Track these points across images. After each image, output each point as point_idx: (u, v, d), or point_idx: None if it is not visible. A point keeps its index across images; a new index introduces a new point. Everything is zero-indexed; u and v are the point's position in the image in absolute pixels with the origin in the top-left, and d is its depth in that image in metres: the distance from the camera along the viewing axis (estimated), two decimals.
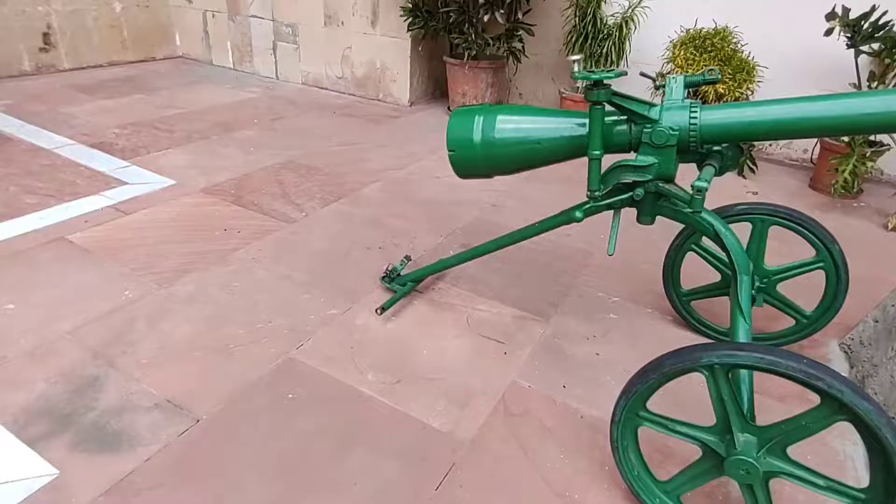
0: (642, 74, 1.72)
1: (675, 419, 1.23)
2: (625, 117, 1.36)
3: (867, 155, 2.98)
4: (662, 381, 1.16)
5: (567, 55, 4.10)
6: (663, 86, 1.36)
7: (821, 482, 1.11)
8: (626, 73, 1.31)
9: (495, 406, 1.62)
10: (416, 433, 1.51)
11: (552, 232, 2.57)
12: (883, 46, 3.00)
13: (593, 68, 3.89)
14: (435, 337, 1.90)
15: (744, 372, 1.20)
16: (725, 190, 3.43)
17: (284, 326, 1.89)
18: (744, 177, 3.61)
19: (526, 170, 1.56)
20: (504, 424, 1.56)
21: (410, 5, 3.99)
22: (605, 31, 3.79)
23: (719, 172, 1.45)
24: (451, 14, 3.79)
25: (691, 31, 3.59)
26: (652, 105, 1.32)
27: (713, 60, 3.42)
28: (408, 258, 2.13)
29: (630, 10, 3.74)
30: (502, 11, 3.67)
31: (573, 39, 3.92)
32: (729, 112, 1.26)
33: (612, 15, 3.84)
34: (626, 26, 3.77)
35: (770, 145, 4.03)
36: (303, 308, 2.00)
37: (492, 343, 1.88)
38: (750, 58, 3.50)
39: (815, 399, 1.05)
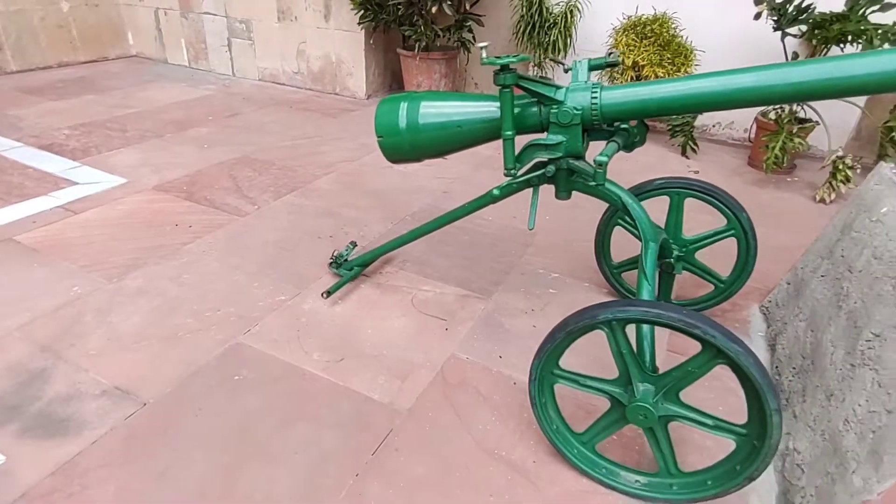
0: (552, 60, 1.82)
1: (585, 375, 1.35)
2: (535, 99, 1.46)
3: (794, 132, 3.15)
4: (568, 339, 1.27)
5: (518, 45, 4.20)
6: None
7: (709, 422, 1.24)
8: (529, 59, 1.41)
9: (434, 378, 1.71)
10: (356, 405, 1.59)
11: (498, 215, 2.69)
12: (806, 28, 3.17)
13: (546, 55, 4.02)
14: (380, 317, 1.98)
15: (645, 328, 1.32)
16: (670, 169, 3.60)
17: (233, 314, 1.95)
18: (687, 157, 3.77)
19: (451, 152, 1.65)
20: (441, 394, 1.66)
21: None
22: (552, 20, 3.90)
23: (628, 148, 1.56)
24: (400, 6, 3.85)
25: (632, 18, 3.73)
26: (558, 87, 1.42)
27: (653, 46, 3.56)
28: (353, 244, 2.21)
29: (573, 0, 3.86)
30: (450, 2, 3.75)
31: (522, 29, 4.03)
32: (625, 91, 1.37)
33: (556, 4, 3.95)
34: (571, 15, 3.88)
35: (713, 126, 4.21)
36: (252, 296, 2.06)
37: (434, 321, 1.98)
38: (688, 42, 3.66)
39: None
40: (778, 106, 3.34)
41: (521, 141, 1.49)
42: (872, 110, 3.65)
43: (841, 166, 3.11)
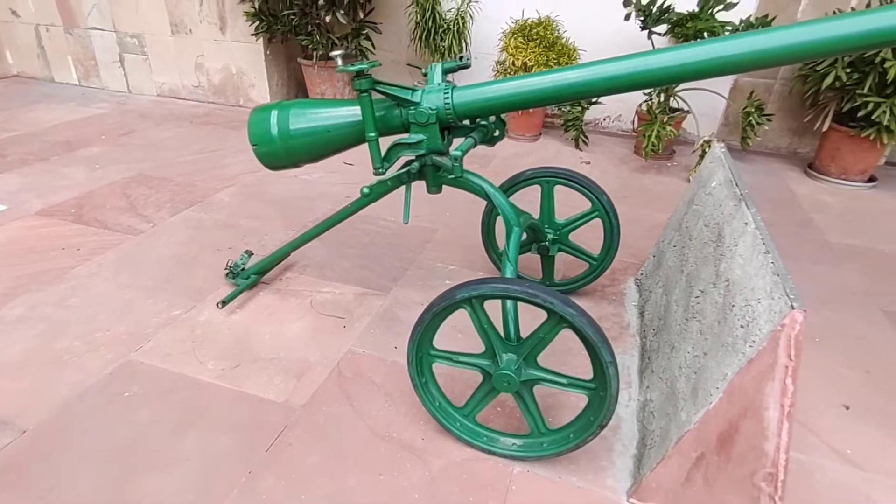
0: (409, 65, 1.95)
1: (457, 352, 1.47)
2: (396, 102, 1.56)
3: (665, 121, 3.48)
4: (435, 320, 1.38)
5: (416, 50, 4.34)
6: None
7: (564, 381, 1.39)
8: (379, 64, 1.51)
9: (330, 373, 1.78)
10: (251, 408, 1.63)
11: (399, 215, 2.77)
12: (669, 27, 3.51)
13: (444, 59, 4.17)
14: (277, 322, 2.02)
15: (508, 303, 1.45)
16: (564, 161, 3.85)
17: (124, 332, 1.92)
18: (580, 149, 4.05)
19: (328, 156, 1.73)
20: (337, 387, 1.73)
21: (254, 10, 4.01)
22: (446, 26, 4.06)
23: (490, 143, 1.71)
24: (294, 17, 3.87)
25: (519, 21, 3.96)
26: (414, 90, 1.53)
27: (539, 47, 3.80)
28: (249, 253, 2.23)
29: (464, 5, 4.04)
30: (343, 12, 3.82)
31: (418, 34, 4.16)
32: (474, 91, 1.51)
33: (449, 10, 4.12)
34: (464, 21, 4.06)
35: (604, 119, 4.54)
36: (145, 313, 2.03)
37: (332, 320, 2.04)
38: (570, 43, 3.93)
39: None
40: (649, 97, 3.67)
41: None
42: (735, 99, 4.09)
43: (708, 149, 3.46)
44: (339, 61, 1.43)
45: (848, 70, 3.24)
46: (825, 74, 3.32)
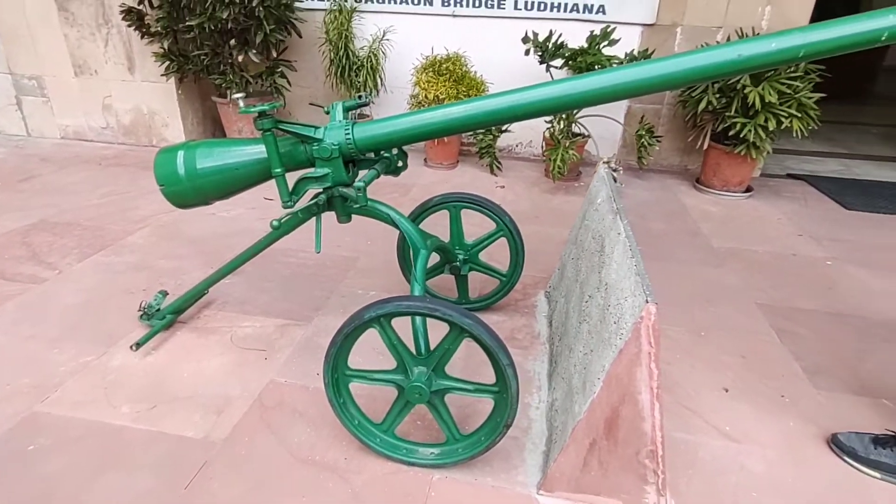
0: (311, 104, 2.07)
1: (372, 370, 1.55)
2: (300, 139, 1.66)
3: (568, 146, 3.78)
4: (347, 341, 1.46)
5: (332, 86, 4.46)
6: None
7: (470, 387, 1.50)
8: (282, 105, 1.61)
9: (251, 405, 1.80)
10: (169, 447, 1.62)
11: (323, 243, 2.82)
12: (564, 61, 3.85)
13: (360, 94, 4.31)
14: (196, 360, 2.01)
15: (417, 320, 1.55)
16: (480, 185, 4.06)
17: (27, 385, 1.84)
18: (494, 174, 4.29)
19: (237, 192, 1.78)
20: (258, 419, 1.75)
21: (163, 51, 3.99)
22: (360, 63, 4.22)
23: (394, 173, 1.84)
24: (205, 56, 3.89)
25: (429, 57, 4.19)
26: (317, 128, 1.64)
27: (449, 81, 4.03)
28: (164, 293, 2.21)
29: (375, 44, 4.23)
30: (256, 51, 3.88)
31: (333, 71, 4.29)
32: (373, 126, 1.64)
33: (362, 48, 4.29)
34: (376, 57, 4.24)
35: (517, 146, 4.83)
36: (50, 363, 1.96)
37: (253, 353, 2.06)
38: (478, 76, 4.20)
39: None
40: (551, 124, 3.98)
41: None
42: (629, 123, 4.50)
43: (608, 170, 3.78)
44: (241, 103, 1.52)
45: (717, 95, 3.69)
46: (700, 100, 3.77)
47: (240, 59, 3.87)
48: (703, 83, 3.23)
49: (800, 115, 3.53)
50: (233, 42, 3.82)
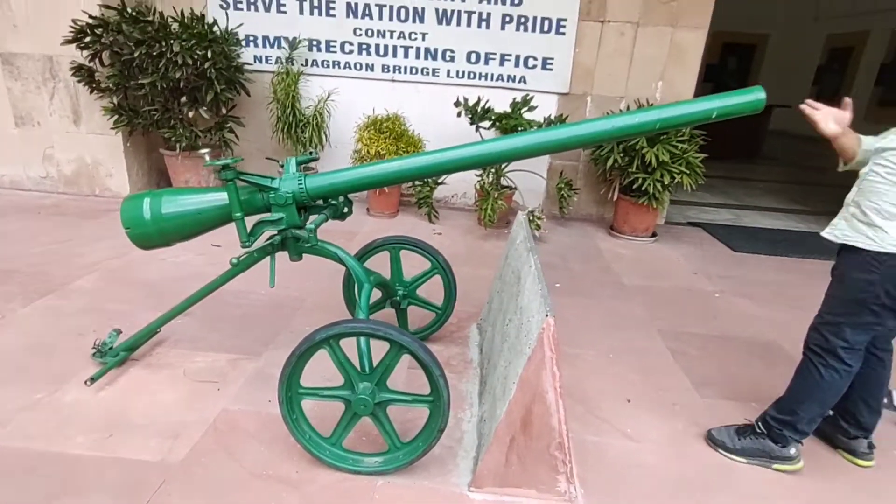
0: (268, 158, 2.34)
1: (321, 388, 1.76)
2: (258, 188, 1.92)
3: (496, 196, 4.21)
4: (300, 362, 1.69)
5: (279, 141, 4.73)
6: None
7: (409, 398, 1.75)
8: (241, 159, 1.88)
9: (206, 430, 1.94)
10: (126, 470, 1.73)
11: (267, 283, 2.98)
12: (491, 122, 4.34)
13: (305, 149, 4.59)
14: (150, 393, 2.13)
15: (361, 341, 1.79)
16: (419, 232, 4.39)
17: None
18: (432, 222, 4.64)
19: (198, 234, 1.99)
20: (213, 441, 1.89)
21: (113, 105, 4.14)
22: (305, 120, 4.54)
23: (340, 218, 2.11)
24: (155, 112, 4.08)
25: (371, 117, 4.57)
26: (273, 179, 1.91)
27: (389, 139, 4.41)
28: (118, 331, 2.32)
29: (321, 104, 4.58)
30: (206, 108, 4.12)
31: (280, 127, 4.58)
32: (322, 178, 1.92)
33: (307, 107, 4.62)
34: (321, 116, 4.58)
35: (452, 197, 5.24)
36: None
37: (206, 385, 2.20)
38: (415, 134, 4.61)
39: None
40: (480, 177, 4.41)
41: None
42: (551, 177, 5.03)
43: (533, 218, 4.23)
44: (207, 157, 1.77)
45: (622, 155, 4.28)
46: (608, 158, 4.34)
47: (190, 115, 4.09)
48: (591, 145, 3.75)
49: (688, 171, 4.16)
50: (184, 99, 4.05)
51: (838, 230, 1.86)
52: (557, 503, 1.72)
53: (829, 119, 1.78)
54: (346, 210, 2.10)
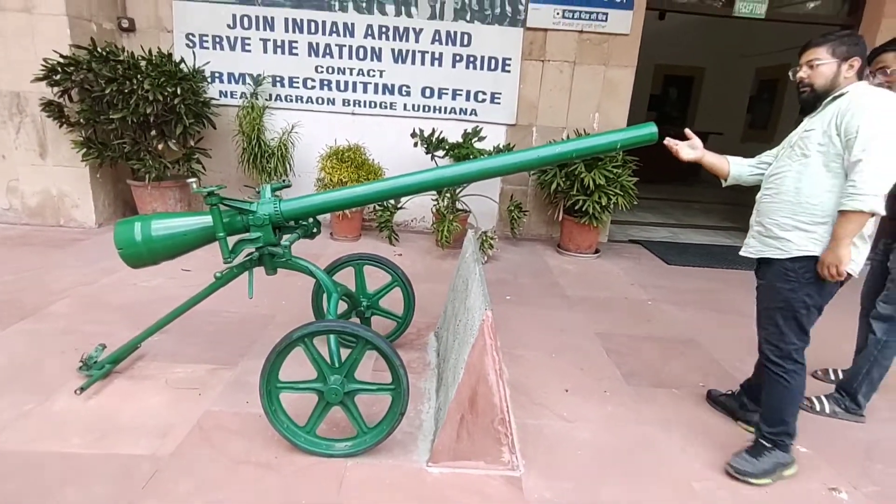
0: (245, 186, 2.64)
1: (297, 381, 2.03)
2: (238, 211, 2.20)
3: (452, 219, 4.58)
4: (278, 358, 1.95)
5: (245, 171, 4.98)
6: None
7: (374, 387, 2.04)
8: (224, 187, 2.17)
9: (191, 429, 2.16)
10: (122, 462, 1.94)
11: (243, 303, 3.21)
12: (445, 151, 4.74)
13: (270, 179, 4.86)
14: (137, 400, 2.33)
15: (331, 340, 2.06)
16: (381, 254, 4.68)
17: None
18: (393, 245, 4.95)
19: (184, 253, 2.24)
20: (199, 437, 2.11)
21: (82, 139, 4.32)
22: (270, 151, 4.82)
23: (310, 237, 2.41)
24: (125, 145, 4.28)
25: (332, 147, 4.90)
26: (252, 202, 2.19)
27: (350, 167, 4.74)
28: (102, 346, 2.51)
29: (285, 136, 4.88)
30: (175, 140, 4.35)
31: (246, 158, 4.84)
32: (295, 202, 2.22)
33: (272, 139, 4.91)
34: (286, 147, 4.87)
35: (412, 221, 5.58)
36: None
37: (188, 391, 2.42)
38: (375, 163, 4.96)
39: None
40: (436, 201, 4.78)
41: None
42: (503, 201, 5.45)
43: (485, 238, 4.61)
44: (194, 185, 2.05)
45: (563, 179, 4.74)
46: (551, 182, 4.79)
47: (159, 147, 4.31)
48: (523, 170, 4.18)
49: (623, 193, 4.65)
50: (153, 133, 4.27)
51: (752, 248, 2.15)
52: (503, 471, 2.02)
53: (685, 148, 2.21)
54: (315, 230, 2.40)
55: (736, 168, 2.25)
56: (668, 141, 2.24)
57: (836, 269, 1.91)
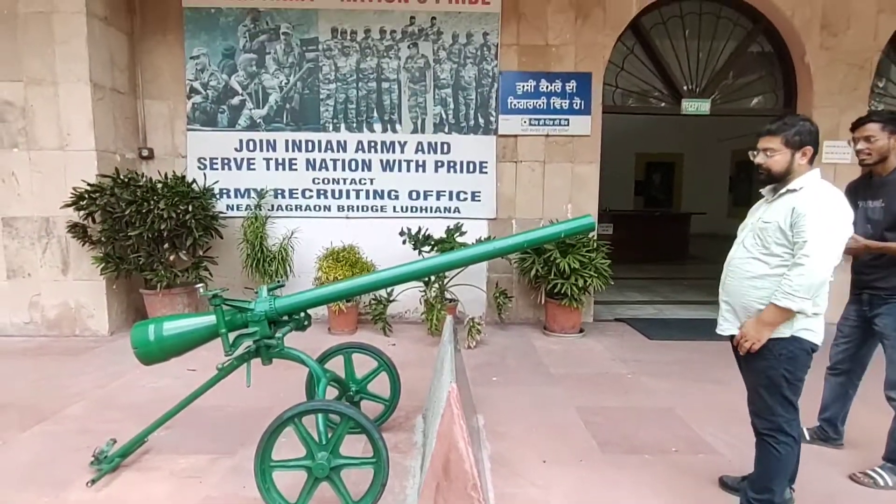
0: (246, 288, 3.01)
1: (288, 459, 2.26)
2: (238, 310, 2.54)
3: (439, 308, 4.91)
4: (271, 438, 2.20)
5: (248, 275, 5.39)
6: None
7: (357, 461, 2.26)
8: (227, 290, 2.53)
9: None
10: None
11: (241, 397, 3.45)
12: (431, 246, 5.18)
13: (271, 280, 5.26)
14: (144, 490, 2.53)
15: (319, 419, 2.31)
16: (376, 345, 4.94)
17: None
18: (387, 335, 5.24)
19: (191, 349, 2.56)
20: None
21: (102, 254, 4.79)
22: (272, 255, 5.27)
23: (301, 329, 2.73)
24: (140, 258, 4.74)
25: (329, 248, 5.35)
26: (250, 302, 2.55)
27: (345, 266, 5.16)
28: (113, 440, 2.74)
29: (285, 241, 5.36)
30: (184, 252, 4.81)
31: (250, 263, 5.28)
32: (288, 299, 2.58)
33: (273, 245, 5.39)
34: (286, 251, 5.33)
35: (406, 312, 5.90)
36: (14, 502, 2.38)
37: (191, 479, 2.62)
38: (368, 260, 5.39)
39: None
40: (424, 292, 5.14)
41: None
42: (490, 289, 5.80)
43: (473, 325, 4.91)
44: (202, 290, 2.42)
45: (541, 265, 5.13)
46: (530, 269, 5.18)
47: (171, 258, 4.76)
48: (494, 258, 4.46)
49: (597, 275, 5.01)
50: (166, 246, 4.75)
51: (724, 327, 2.27)
52: None
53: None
54: (306, 323, 2.73)
55: None
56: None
57: (750, 346, 2.11)
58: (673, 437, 3.16)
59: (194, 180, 5.23)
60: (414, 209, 5.77)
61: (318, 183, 5.72)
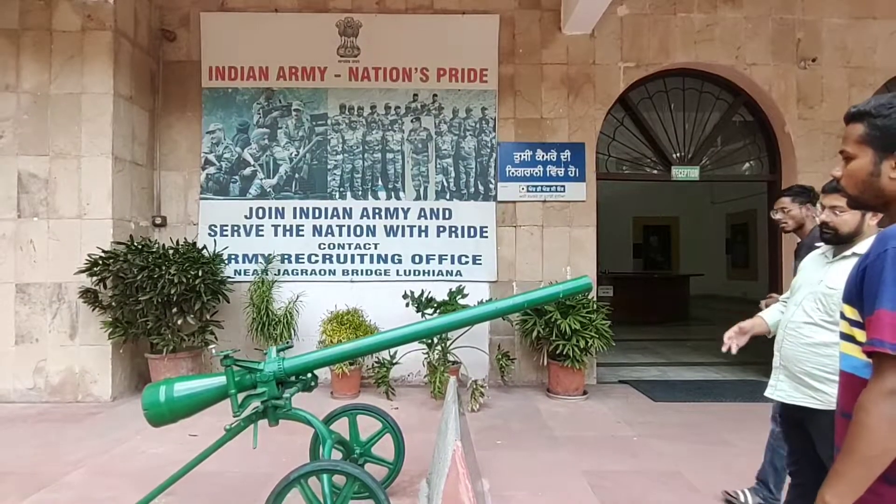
0: (256, 348, 3.09)
1: None
2: (248, 371, 2.61)
3: (442, 370, 4.92)
4: (278, 498, 2.21)
5: (253, 339, 5.45)
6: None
7: None
8: (238, 350, 2.61)
9: None
10: None
11: (245, 463, 3.44)
12: (433, 309, 5.26)
13: (276, 343, 5.31)
14: None
15: (324, 479, 2.32)
16: (380, 407, 4.92)
17: None
18: (390, 399, 5.21)
19: (199, 410, 2.60)
20: None
21: (111, 319, 4.88)
22: (277, 319, 5.35)
23: (308, 390, 2.78)
24: (149, 322, 4.82)
25: (333, 312, 5.44)
26: (259, 363, 2.62)
27: (349, 329, 5.22)
28: None
29: (291, 305, 5.46)
30: (192, 316, 4.91)
31: (255, 327, 5.35)
32: (295, 360, 2.65)
33: (279, 308, 5.48)
34: (291, 315, 5.42)
35: (408, 376, 5.89)
36: None
37: None
38: (372, 323, 5.46)
39: None
40: (427, 354, 5.17)
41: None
42: (492, 351, 5.83)
43: (476, 387, 4.90)
44: (213, 351, 2.50)
45: (543, 326, 5.19)
46: (532, 330, 5.24)
47: (179, 322, 4.85)
48: (495, 318, 4.50)
49: (598, 336, 5.06)
50: (175, 310, 4.84)
51: (782, 392, 2.08)
52: None
53: (740, 338, 2.27)
54: (312, 384, 2.79)
55: (772, 320, 2.31)
56: (727, 342, 2.30)
57: None
58: (681, 501, 3.11)
59: (204, 246, 5.41)
60: (417, 273, 5.90)
61: (324, 248, 5.90)
